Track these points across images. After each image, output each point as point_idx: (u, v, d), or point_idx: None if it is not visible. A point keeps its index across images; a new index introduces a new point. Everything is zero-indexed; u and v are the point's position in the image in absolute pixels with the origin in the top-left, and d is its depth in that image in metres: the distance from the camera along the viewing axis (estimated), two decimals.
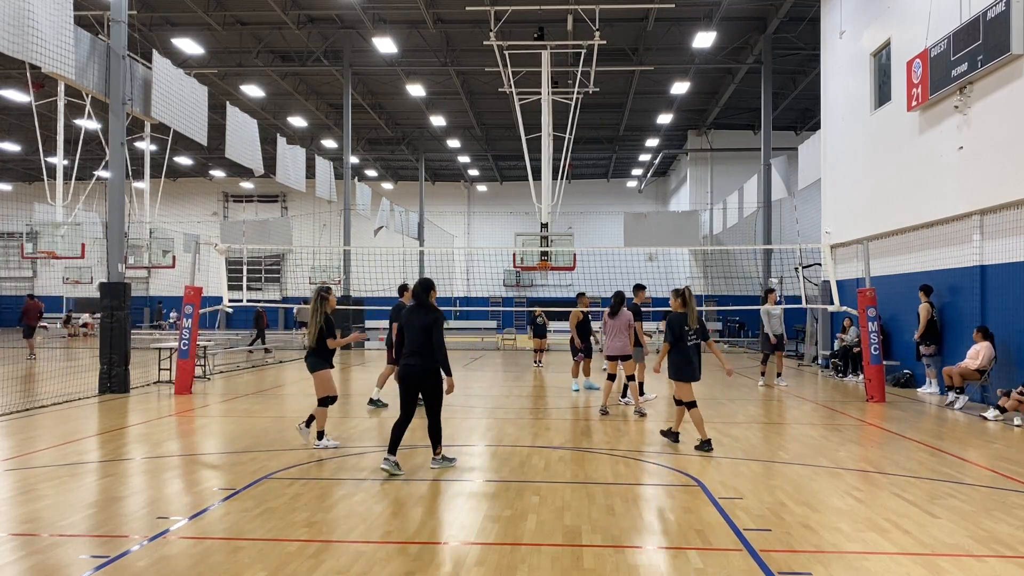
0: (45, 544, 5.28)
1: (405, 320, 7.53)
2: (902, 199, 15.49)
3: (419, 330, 7.39)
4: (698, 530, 5.63)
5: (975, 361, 11.99)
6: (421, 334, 7.37)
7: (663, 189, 48.02)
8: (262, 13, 23.33)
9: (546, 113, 19.92)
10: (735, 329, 36.06)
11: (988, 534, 5.56)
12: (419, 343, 7.38)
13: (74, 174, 21.98)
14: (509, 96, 20.98)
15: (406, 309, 7.75)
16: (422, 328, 7.37)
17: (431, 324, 7.37)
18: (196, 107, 17.01)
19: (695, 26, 23.23)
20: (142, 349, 20.29)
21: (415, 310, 7.54)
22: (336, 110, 33.11)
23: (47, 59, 12.18)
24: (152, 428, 10.22)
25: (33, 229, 22.83)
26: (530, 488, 6.90)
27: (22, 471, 7.50)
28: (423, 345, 7.36)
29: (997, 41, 11.68)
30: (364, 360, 22.69)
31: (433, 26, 23.92)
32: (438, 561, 5.02)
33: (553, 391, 14.67)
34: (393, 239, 36.76)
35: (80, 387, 13.68)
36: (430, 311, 7.48)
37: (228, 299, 16.59)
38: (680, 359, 8.72)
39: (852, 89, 18.25)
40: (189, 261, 15.62)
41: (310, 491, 6.74)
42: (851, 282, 17.91)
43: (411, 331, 7.45)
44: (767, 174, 25.87)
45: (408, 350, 7.46)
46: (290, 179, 24.10)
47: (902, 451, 8.74)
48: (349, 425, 10.45)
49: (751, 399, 13.53)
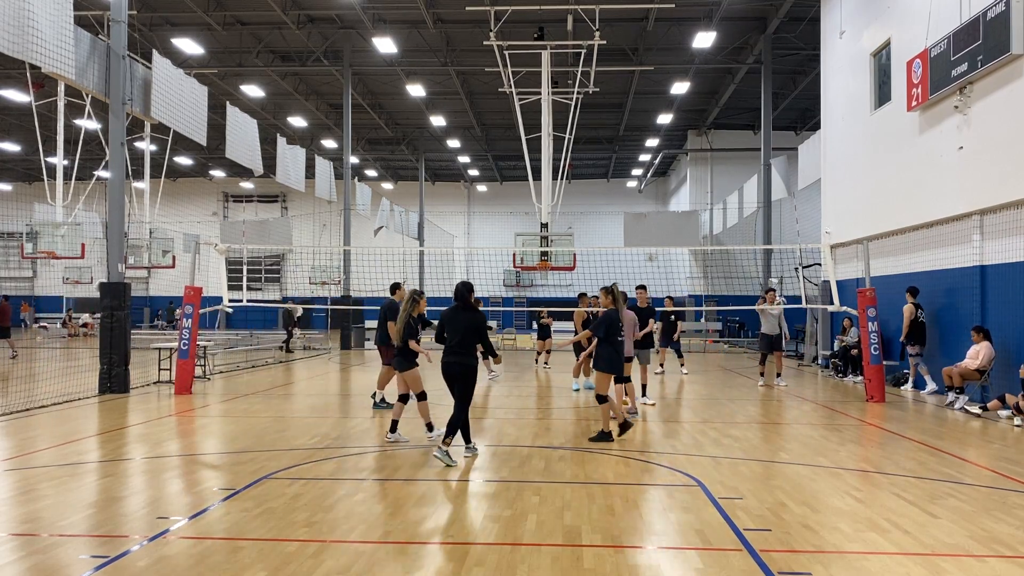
0: (45, 544, 5.28)
1: (448, 319, 8.02)
2: (902, 199, 15.49)
3: (463, 330, 7.92)
4: (698, 530, 5.63)
5: (975, 361, 11.99)
6: (464, 334, 7.91)
7: (663, 189, 48.03)
8: (262, 13, 23.33)
9: (546, 113, 19.91)
10: (735, 329, 36.05)
11: (988, 534, 5.56)
12: (460, 341, 7.92)
13: (74, 174, 21.96)
14: (509, 96, 20.97)
15: (449, 309, 8.14)
16: (467, 328, 7.93)
17: (480, 324, 8.03)
18: (196, 107, 17.01)
19: (695, 26, 23.23)
20: (142, 349, 20.29)
21: (459, 311, 8.03)
22: (336, 110, 33.10)
23: (47, 59, 12.18)
24: (152, 428, 10.22)
25: (33, 229, 22.80)
26: (530, 488, 6.90)
27: (22, 471, 7.50)
28: (463, 343, 7.92)
29: (997, 41, 11.67)
30: (364, 360, 22.69)
31: (433, 26, 23.92)
32: (438, 561, 5.02)
33: (553, 391, 14.67)
34: (393, 239, 36.76)
35: (80, 387, 13.68)
36: (475, 312, 8.06)
37: (228, 299, 16.59)
38: (612, 353, 9.12)
39: (852, 89, 18.25)
40: (189, 261, 15.61)
41: (310, 491, 6.74)
42: (851, 282, 17.91)
43: (454, 330, 7.96)
44: (767, 174, 25.87)
45: (449, 348, 7.96)
46: (290, 179, 24.10)
47: (902, 451, 8.74)
48: (349, 425, 10.45)
49: (751, 399, 13.53)
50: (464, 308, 8.06)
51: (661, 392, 14.54)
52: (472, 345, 8.00)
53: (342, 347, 27.01)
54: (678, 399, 13.68)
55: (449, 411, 8.21)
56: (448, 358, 7.97)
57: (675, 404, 12.97)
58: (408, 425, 9.68)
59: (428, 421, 9.04)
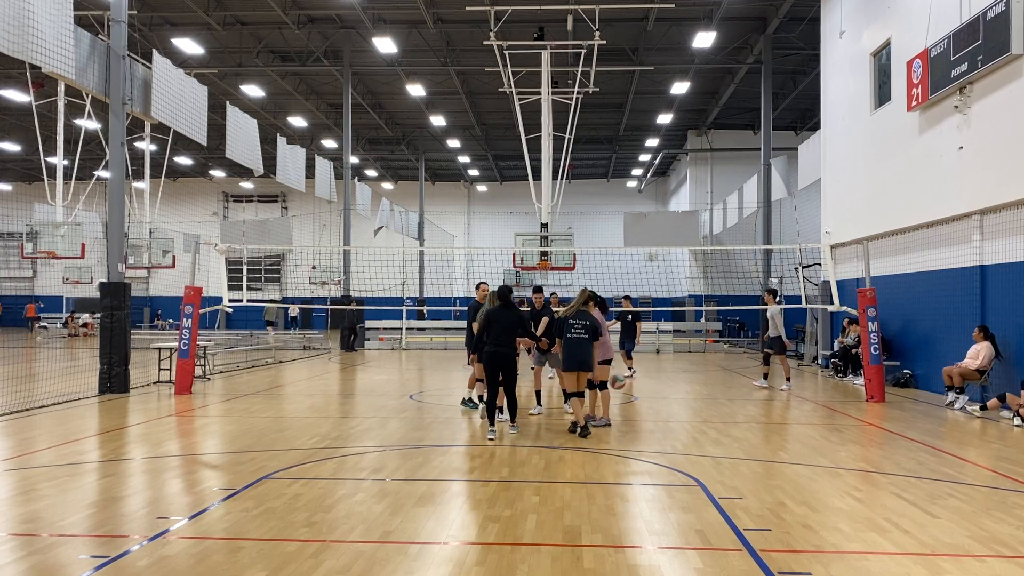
0: (45, 544, 5.28)
1: (496, 317, 9.37)
2: (902, 199, 15.49)
3: (508, 327, 9.35)
4: (698, 530, 5.63)
5: (975, 361, 11.99)
6: (509, 330, 9.35)
7: (663, 189, 48.02)
8: (262, 13, 23.33)
9: (546, 113, 19.91)
10: (735, 329, 36.04)
11: (988, 534, 5.56)
12: (507, 336, 9.36)
13: (74, 174, 21.96)
14: (509, 96, 20.97)
15: (495, 309, 9.47)
16: (511, 324, 9.38)
17: (521, 320, 9.54)
18: (196, 107, 17.01)
19: (695, 26, 23.23)
20: (142, 349, 20.28)
21: (502, 310, 9.43)
22: (336, 110, 33.10)
23: (47, 59, 12.17)
24: (152, 428, 10.22)
25: (33, 229, 22.79)
26: (530, 488, 6.90)
27: (22, 471, 7.50)
28: (510, 337, 9.38)
29: (997, 41, 11.67)
30: (364, 360, 22.69)
31: (433, 26, 23.92)
32: (438, 561, 5.02)
33: (553, 391, 14.66)
34: (393, 239, 36.77)
35: (80, 387, 13.68)
36: (516, 310, 9.57)
37: (228, 299, 16.58)
38: (564, 351, 9.72)
39: (852, 89, 18.25)
40: (189, 261, 15.62)
41: (310, 491, 6.74)
42: (851, 282, 17.90)
43: (501, 327, 9.34)
44: (767, 174, 25.86)
45: (498, 340, 9.32)
46: (290, 179, 24.10)
47: (902, 451, 8.73)
48: (349, 425, 10.45)
49: (751, 399, 13.53)
50: (507, 307, 9.46)
51: (659, 392, 14.53)
52: (514, 338, 9.46)
53: (342, 347, 27.01)
54: (678, 399, 13.67)
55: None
56: (498, 348, 9.30)
57: (675, 404, 12.97)
58: (413, 433, 9.64)
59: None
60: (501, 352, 9.35)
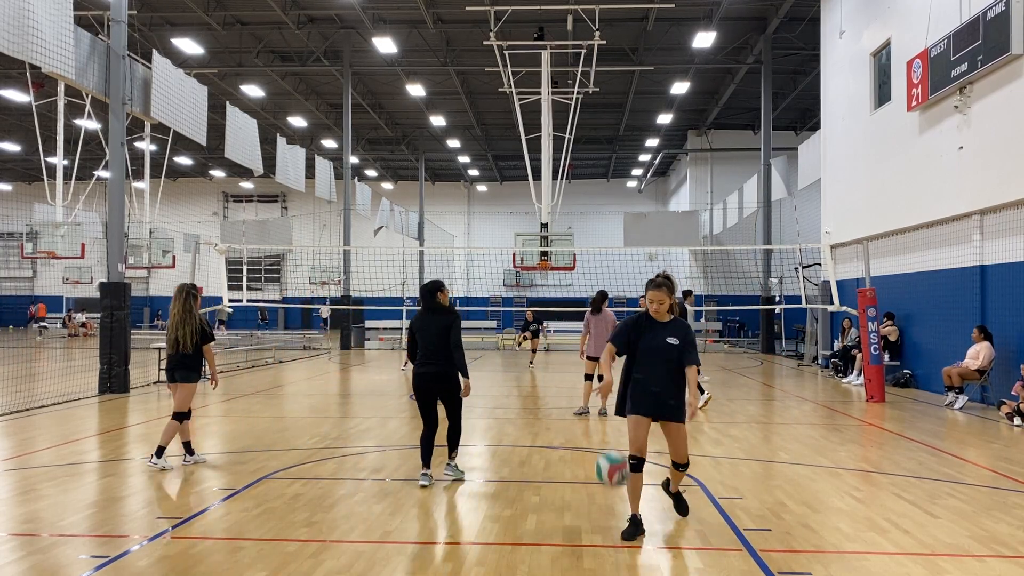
0: (45, 544, 5.28)
1: (418, 327, 7.03)
2: (902, 199, 15.49)
3: (435, 334, 6.91)
4: (698, 530, 5.63)
5: (975, 361, 11.99)
6: (436, 338, 6.90)
7: (663, 189, 48.02)
8: (262, 13, 23.33)
9: (546, 113, 19.92)
10: (735, 329, 36.04)
11: (988, 534, 5.56)
12: (434, 348, 6.90)
13: (74, 174, 21.96)
14: (509, 96, 20.98)
15: (416, 316, 7.19)
16: (438, 332, 6.90)
17: (448, 326, 6.91)
18: (196, 107, 17.01)
19: (695, 26, 23.23)
20: (142, 349, 20.28)
21: (426, 315, 7.05)
22: (336, 110, 33.10)
23: (47, 59, 12.17)
24: (152, 428, 10.21)
25: (33, 229, 22.82)
26: (530, 488, 6.90)
27: (22, 471, 7.50)
28: (438, 350, 6.89)
29: (997, 41, 11.67)
30: (364, 360, 22.68)
31: (433, 26, 23.92)
32: (438, 561, 5.02)
33: (553, 391, 14.67)
34: (393, 239, 36.75)
35: (80, 387, 13.68)
36: (445, 313, 7.03)
37: (228, 299, 16.59)
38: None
39: (852, 89, 18.25)
40: (189, 261, 15.62)
41: (310, 491, 6.74)
42: (851, 282, 17.90)
43: (425, 336, 6.97)
44: (767, 174, 25.86)
45: (422, 357, 6.96)
46: (290, 179, 24.09)
47: (902, 451, 8.73)
48: (349, 425, 10.45)
49: (751, 399, 13.53)
50: (431, 310, 7.06)
51: None
52: (447, 350, 6.89)
53: (342, 347, 27.00)
54: None
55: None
56: (423, 368, 6.94)
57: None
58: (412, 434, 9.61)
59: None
60: (425, 373, 6.92)
